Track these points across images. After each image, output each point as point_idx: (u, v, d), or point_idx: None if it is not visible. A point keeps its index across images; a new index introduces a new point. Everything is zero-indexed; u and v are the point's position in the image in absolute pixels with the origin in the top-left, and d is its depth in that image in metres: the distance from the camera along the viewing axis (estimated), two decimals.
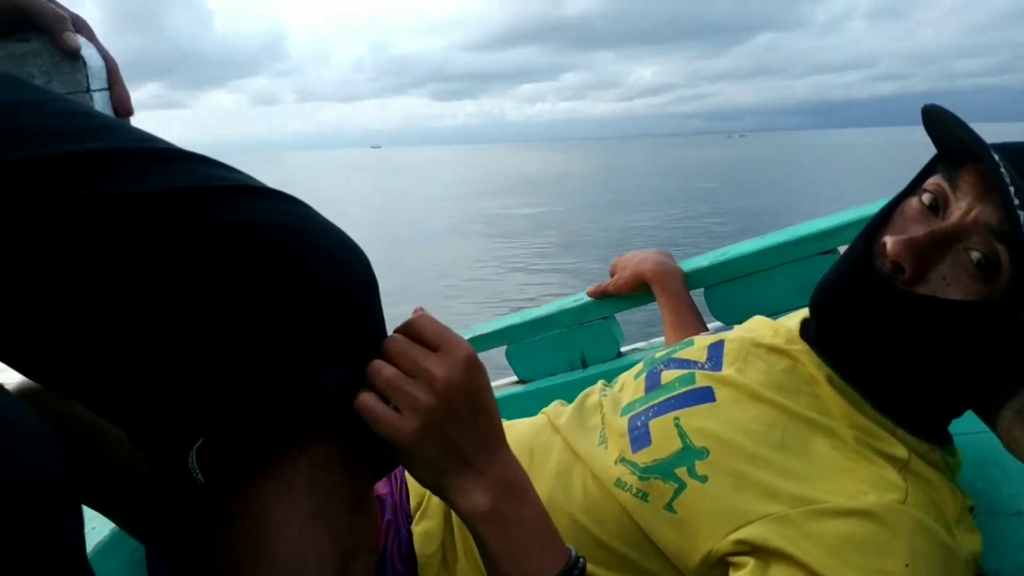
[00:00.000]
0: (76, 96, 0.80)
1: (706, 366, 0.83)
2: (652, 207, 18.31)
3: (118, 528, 0.90)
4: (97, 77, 0.82)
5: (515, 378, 1.48)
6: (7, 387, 0.52)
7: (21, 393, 0.72)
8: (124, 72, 0.87)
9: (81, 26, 0.84)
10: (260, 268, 0.57)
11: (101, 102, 0.83)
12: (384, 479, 0.93)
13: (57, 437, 0.44)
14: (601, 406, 0.89)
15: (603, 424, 0.85)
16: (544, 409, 0.96)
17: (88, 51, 0.82)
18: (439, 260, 11.42)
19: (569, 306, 1.39)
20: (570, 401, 0.97)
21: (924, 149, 0.78)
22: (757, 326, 0.89)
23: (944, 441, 0.77)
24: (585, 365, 1.41)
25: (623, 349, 1.41)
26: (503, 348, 1.46)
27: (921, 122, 0.74)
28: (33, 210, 0.53)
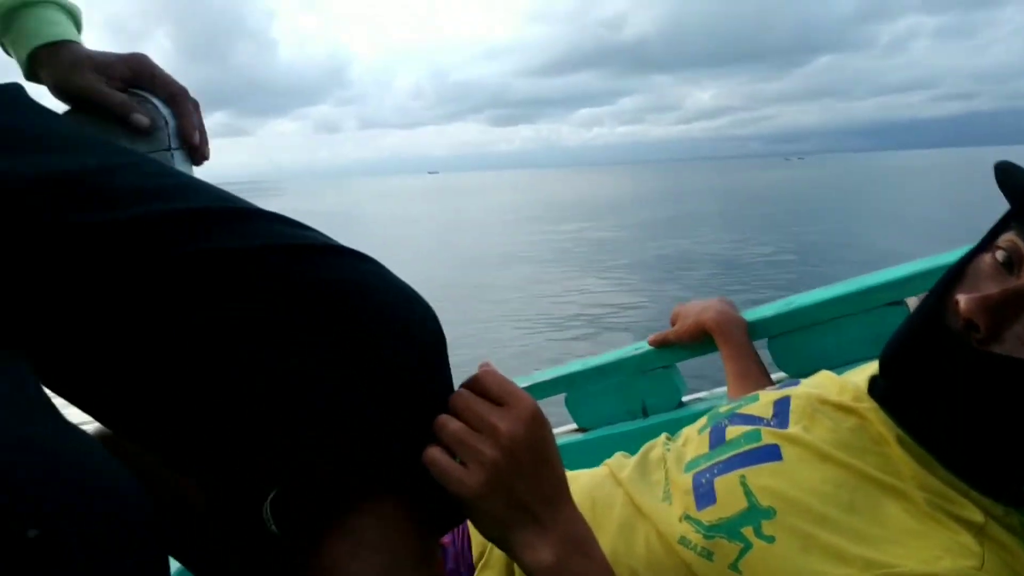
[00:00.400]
0: (158, 155, 0.84)
1: (772, 423, 0.82)
2: (711, 233, 17.85)
3: (184, 568, 0.92)
4: (176, 136, 0.87)
5: (575, 426, 1.48)
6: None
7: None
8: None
9: (141, 70, 0.87)
10: (336, 326, 0.59)
11: (180, 158, 0.87)
12: None
13: (140, 481, 0.46)
14: (664, 460, 0.88)
15: (667, 479, 0.85)
16: (606, 461, 0.96)
17: (165, 110, 0.87)
18: (504, 285, 11.31)
19: (630, 354, 1.39)
20: (631, 451, 0.97)
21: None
22: (823, 382, 0.88)
23: (1022, 504, 0.74)
24: (646, 414, 1.40)
25: (685, 399, 1.40)
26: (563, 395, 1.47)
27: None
28: (134, 264, 0.57)
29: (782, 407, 0.84)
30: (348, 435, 0.59)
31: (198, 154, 0.88)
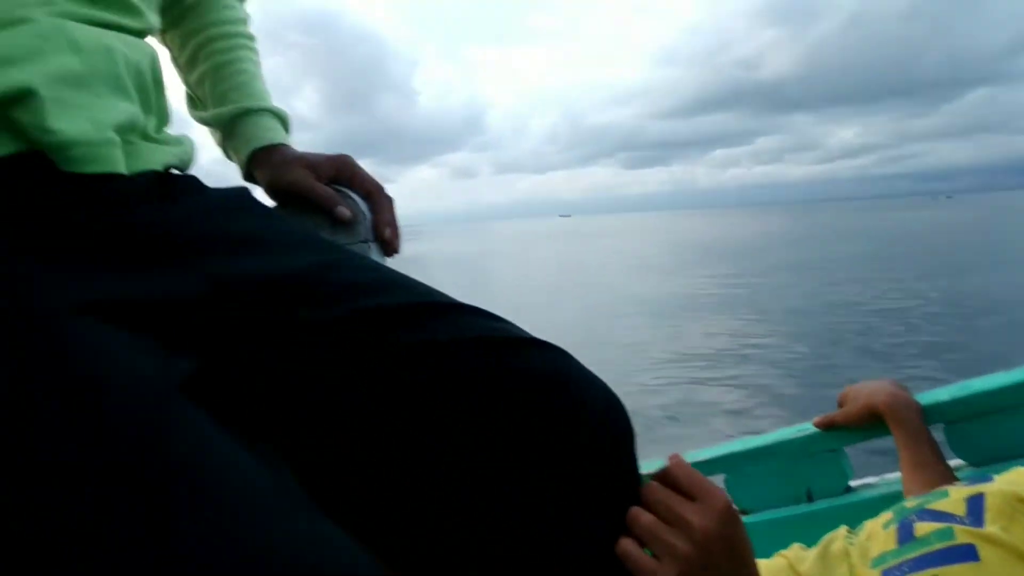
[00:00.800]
0: (355, 246, 0.91)
1: (966, 521, 0.79)
2: (858, 280, 16.22)
3: None
4: (372, 229, 0.93)
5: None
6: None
7: None
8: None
9: (343, 168, 0.95)
10: (537, 417, 0.62)
11: (375, 250, 0.93)
12: None
13: None
14: (848, 555, 0.86)
15: (852, 575, 0.83)
16: (782, 552, 0.94)
17: (364, 206, 0.94)
18: (642, 333, 10.83)
19: (793, 436, 1.35)
20: (797, 538, 0.94)
21: None
22: (1019, 479, 0.84)
23: None
24: (811, 499, 1.35)
25: (853, 484, 1.35)
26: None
27: None
28: (359, 356, 0.63)
29: (976, 505, 0.80)
30: (545, 523, 0.62)
31: (389, 247, 0.94)
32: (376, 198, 0.95)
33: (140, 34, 0.75)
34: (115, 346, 0.52)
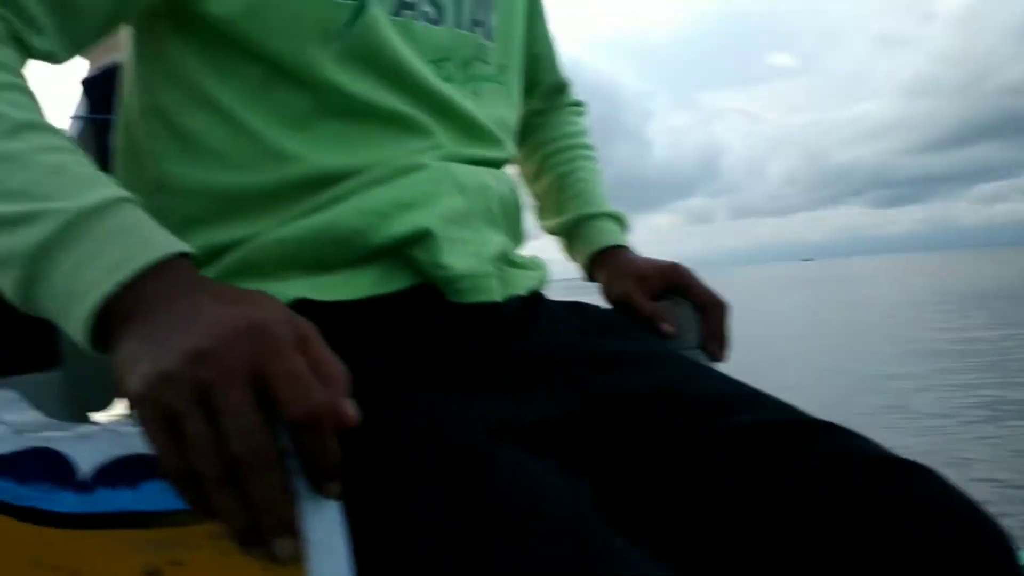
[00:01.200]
0: (689, 352, 0.93)
1: None
2: None
3: None
4: (702, 337, 0.97)
5: None
6: None
7: None
8: None
9: (675, 279, 0.98)
10: (919, 550, 0.58)
11: (703, 356, 0.95)
12: None
13: None
14: None
15: None
16: None
17: (696, 314, 0.96)
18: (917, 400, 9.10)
19: None
20: None
21: None
22: None
23: None
24: None
25: None
26: None
27: None
28: (719, 476, 0.64)
29: None
30: None
31: (716, 357, 0.96)
32: (708, 309, 0.98)
33: (503, 164, 0.84)
34: (535, 469, 0.55)
